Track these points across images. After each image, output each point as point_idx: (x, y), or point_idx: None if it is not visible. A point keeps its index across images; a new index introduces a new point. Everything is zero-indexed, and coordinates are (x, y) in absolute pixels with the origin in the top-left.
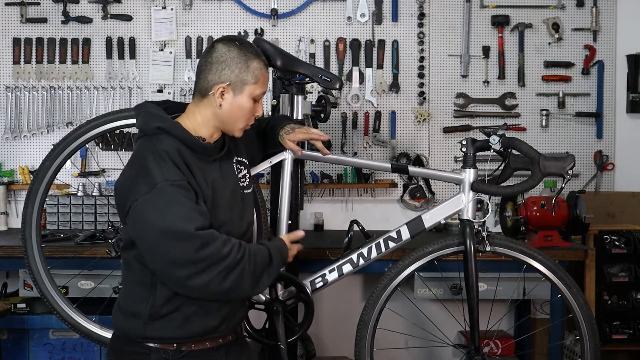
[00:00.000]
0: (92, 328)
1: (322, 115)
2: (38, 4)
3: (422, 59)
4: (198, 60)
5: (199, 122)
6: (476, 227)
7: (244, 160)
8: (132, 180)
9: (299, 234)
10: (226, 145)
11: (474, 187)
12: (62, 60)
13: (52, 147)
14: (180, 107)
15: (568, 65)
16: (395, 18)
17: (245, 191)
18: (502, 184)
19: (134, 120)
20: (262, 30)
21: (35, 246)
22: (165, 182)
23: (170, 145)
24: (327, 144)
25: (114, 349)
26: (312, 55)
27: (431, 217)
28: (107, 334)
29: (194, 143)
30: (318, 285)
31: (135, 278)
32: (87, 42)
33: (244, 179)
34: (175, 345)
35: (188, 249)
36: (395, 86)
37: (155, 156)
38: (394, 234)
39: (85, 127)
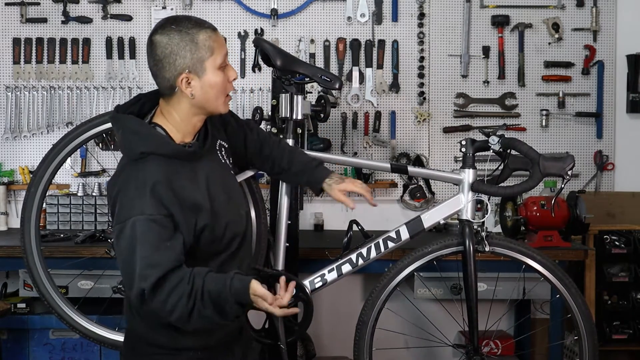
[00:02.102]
0: (91, 328)
1: (322, 115)
2: (38, 4)
3: (422, 59)
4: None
5: (179, 121)
6: (475, 227)
7: (224, 143)
8: (114, 203)
9: (268, 298)
10: (209, 133)
11: (474, 188)
12: (62, 60)
13: (52, 146)
14: (154, 98)
15: (568, 65)
16: (395, 18)
17: (232, 172)
18: (502, 184)
19: None
20: (262, 30)
21: (35, 246)
22: (140, 215)
23: (155, 171)
24: (327, 144)
25: (135, 351)
26: (312, 55)
27: (430, 217)
28: (107, 334)
29: (181, 153)
30: (317, 285)
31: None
32: (87, 42)
33: (228, 161)
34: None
35: (135, 299)
36: (395, 86)
37: (136, 185)
38: (393, 234)
39: (84, 127)
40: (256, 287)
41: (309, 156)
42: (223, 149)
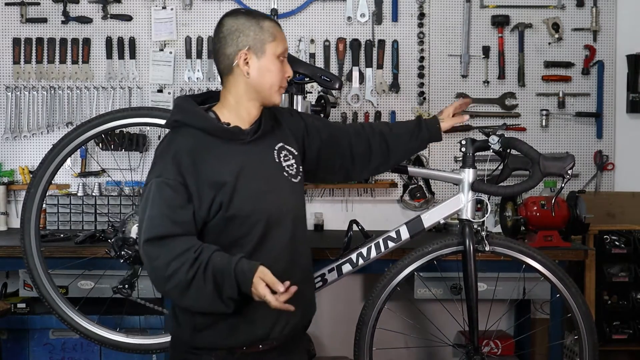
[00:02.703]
0: (91, 328)
1: (322, 115)
2: (38, 4)
3: (422, 59)
4: (199, 60)
5: (232, 105)
6: (475, 227)
7: (292, 149)
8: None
9: (278, 287)
10: (261, 129)
11: (475, 187)
12: (62, 60)
13: (52, 146)
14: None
15: (568, 65)
16: (395, 18)
17: (292, 180)
18: (502, 184)
19: (133, 120)
20: None
21: (34, 245)
22: (157, 178)
23: (184, 141)
24: None
25: (172, 350)
26: (312, 55)
27: (430, 217)
28: (107, 334)
29: (216, 129)
30: (317, 285)
31: None
32: (87, 42)
33: (290, 168)
34: (225, 350)
35: (143, 254)
36: (395, 86)
37: (162, 151)
38: (393, 234)
39: (84, 127)
40: (266, 270)
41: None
42: (284, 151)
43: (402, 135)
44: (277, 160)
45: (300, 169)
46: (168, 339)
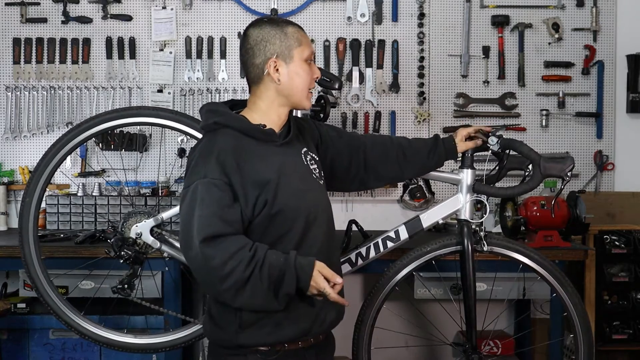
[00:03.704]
0: (91, 328)
1: (322, 115)
2: (38, 4)
3: (422, 59)
4: (199, 60)
5: (264, 110)
6: (474, 227)
7: (314, 155)
8: (187, 172)
9: (337, 279)
10: (292, 132)
11: (475, 188)
12: (62, 60)
13: (51, 145)
14: (245, 104)
15: (568, 65)
16: (395, 18)
17: (320, 181)
18: (503, 185)
19: (132, 120)
20: None
21: (33, 244)
22: (203, 179)
23: (224, 141)
24: None
25: (212, 354)
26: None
27: (429, 217)
28: (107, 334)
29: (253, 130)
30: None
31: None
32: (87, 42)
33: (315, 171)
34: (269, 347)
35: (194, 259)
36: (395, 86)
37: (203, 153)
38: (392, 234)
39: (83, 126)
40: (323, 265)
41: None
42: (309, 156)
43: (420, 149)
44: (305, 162)
45: (322, 174)
46: (174, 337)
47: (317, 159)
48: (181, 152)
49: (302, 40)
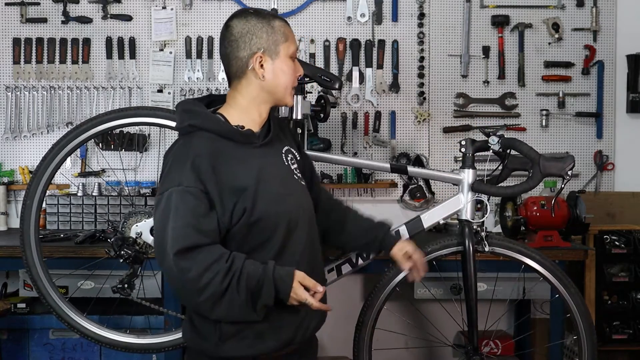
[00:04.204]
0: (93, 329)
1: (322, 115)
2: (38, 4)
3: (422, 59)
4: (199, 60)
5: (244, 106)
6: (475, 227)
7: (295, 153)
8: (161, 178)
9: (318, 288)
10: (272, 132)
11: (475, 188)
12: (62, 60)
13: (51, 146)
14: (224, 99)
15: (568, 65)
16: (395, 18)
17: (301, 182)
18: (502, 185)
19: (132, 120)
20: None
21: (34, 246)
22: (177, 186)
23: (200, 145)
24: (327, 144)
25: None
26: (312, 55)
27: (430, 217)
28: (107, 334)
29: (231, 132)
30: None
31: None
32: (87, 42)
33: (297, 171)
34: (252, 358)
35: (169, 271)
36: (395, 86)
37: (178, 158)
38: (392, 234)
39: (83, 127)
40: (303, 275)
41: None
42: (290, 155)
43: (363, 220)
44: (286, 163)
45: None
46: (174, 337)
47: (298, 158)
48: None
49: (288, 36)
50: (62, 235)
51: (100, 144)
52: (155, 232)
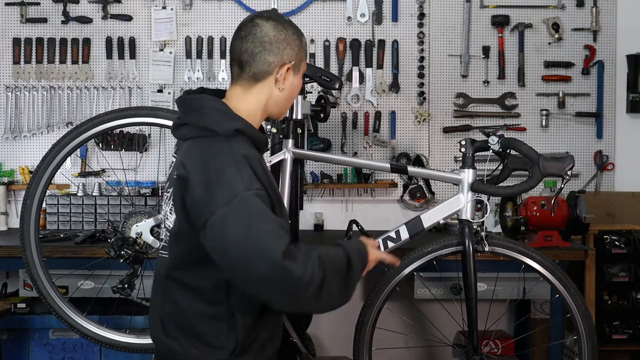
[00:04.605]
0: (91, 328)
1: (322, 115)
2: (38, 4)
3: (422, 59)
4: (199, 60)
5: (252, 110)
6: (475, 227)
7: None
8: (206, 188)
9: (376, 243)
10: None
11: (474, 188)
12: (62, 60)
13: (51, 146)
14: (217, 94)
15: (568, 65)
16: (395, 18)
17: None
18: (502, 185)
19: (132, 120)
20: None
21: (34, 246)
22: (248, 191)
23: (246, 149)
24: (327, 144)
25: None
26: (312, 55)
27: (430, 217)
28: (106, 334)
29: (262, 142)
30: None
31: (207, 304)
32: (87, 42)
33: None
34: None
35: (272, 276)
36: (395, 86)
37: (232, 162)
38: (392, 234)
39: (83, 127)
40: (365, 238)
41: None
42: None
43: None
44: None
45: None
46: None
47: None
48: None
49: (306, 53)
50: (62, 235)
51: (100, 144)
52: (237, 242)
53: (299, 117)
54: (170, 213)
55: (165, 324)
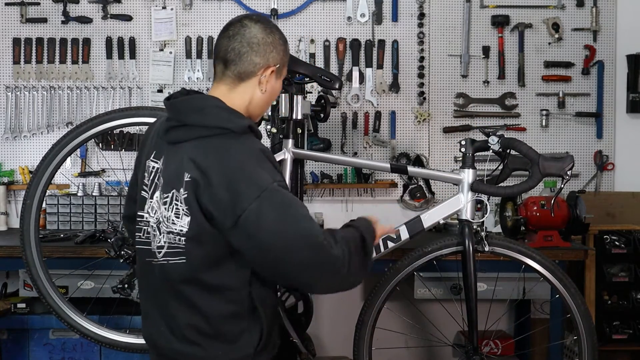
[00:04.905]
0: (91, 328)
1: (322, 115)
2: (38, 4)
3: (422, 59)
4: (199, 60)
5: (238, 109)
6: (475, 227)
7: None
8: (230, 187)
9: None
10: None
11: (474, 188)
12: (62, 60)
13: (51, 146)
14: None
15: (568, 65)
16: (395, 18)
17: None
18: (502, 185)
19: (132, 120)
20: None
21: (34, 246)
22: (273, 183)
23: (261, 144)
24: (327, 144)
25: None
26: (312, 55)
27: (430, 217)
28: (107, 334)
29: (261, 137)
30: None
31: (230, 303)
32: (87, 42)
33: None
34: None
35: (318, 254)
36: (395, 86)
37: (255, 156)
38: (392, 234)
39: (83, 127)
40: (369, 215)
41: None
42: None
43: None
44: None
45: None
46: None
47: None
48: None
49: (288, 59)
50: (62, 235)
51: (100, 144)
52: (278, 232)
53: (299, 117)
54: (178, 217)
55: (179, 331)
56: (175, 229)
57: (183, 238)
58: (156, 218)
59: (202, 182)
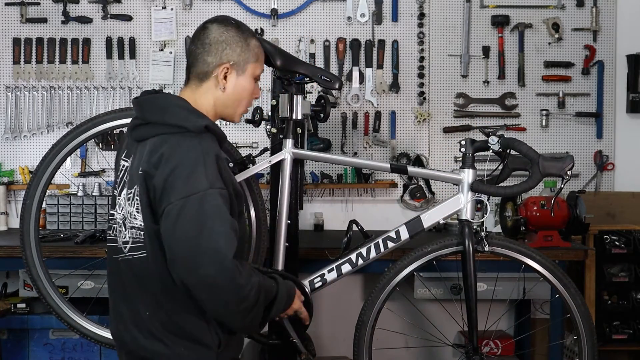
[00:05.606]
0: (91, 328)
1: (322, 115)
2: (38, 4)
3: (422, 59)
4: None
5: (204, 111)
6: (475, 227)
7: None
8: (168, 179)
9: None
10: None
11: (474, 188)
12: (62, 60)
13: (51, 146)
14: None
15: (568, 65)
16: (395, 18)
17: None
18: (502, 185)
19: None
20: (262, 30)
21: (34, 246)
22: (210, 188)
23: (216, 147)
24: (327, 144)
25: None
26: (312, 55)
27: (430, 217)
28: (107, 334)
29: (224, 137)
30: (317, 285)
31: (188, 300)
32: (87, 42)
33: None
34: None
35: (218, 276)
36: (395, 86)
37: (200, 158)
38: (392, 234)
39: (83, 127)
40: (297, 290)
41: None
42: None
43: None
44: None
45: None
46: None
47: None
48: None
49: (259, 57)
50: (62, 235)
51: (100, 144)
52: (187, 238)
53: (299, 117)
54: (138, 212)
55: (144, 325)
56: (137, 224)
57: (141, 232)
58: (122, 215)
59: (150, 174)
